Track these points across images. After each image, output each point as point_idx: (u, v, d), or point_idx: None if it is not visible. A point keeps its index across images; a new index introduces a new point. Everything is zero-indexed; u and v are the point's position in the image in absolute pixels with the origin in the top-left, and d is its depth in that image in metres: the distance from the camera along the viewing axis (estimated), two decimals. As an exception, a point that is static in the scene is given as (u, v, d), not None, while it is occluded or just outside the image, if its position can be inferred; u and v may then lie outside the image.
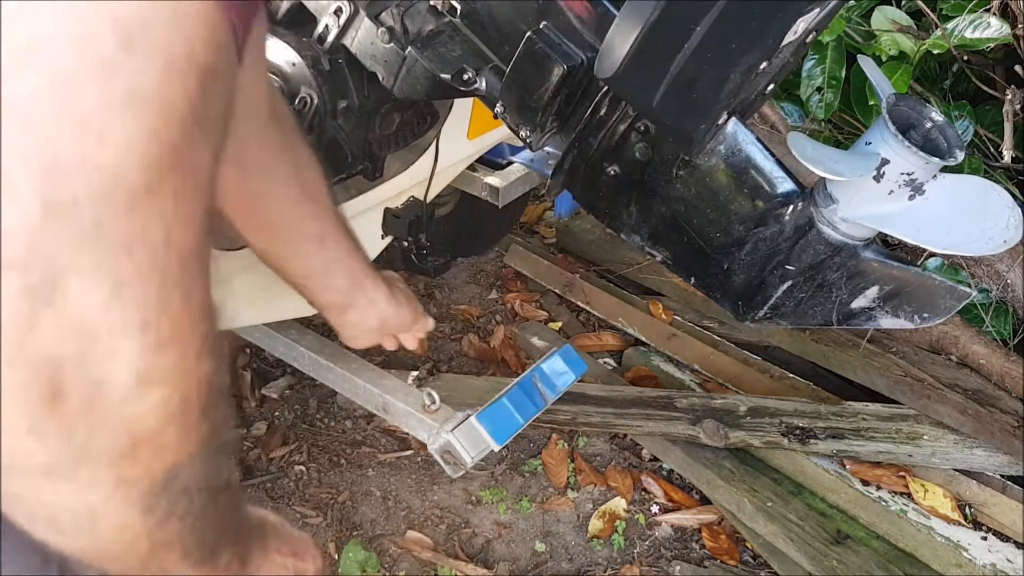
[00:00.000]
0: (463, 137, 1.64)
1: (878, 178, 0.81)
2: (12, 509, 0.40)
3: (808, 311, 0.94)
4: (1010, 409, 1.77)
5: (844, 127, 2.04)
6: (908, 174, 0.81)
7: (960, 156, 0.80)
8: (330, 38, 1.11)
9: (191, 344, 0.40)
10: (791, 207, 0.88)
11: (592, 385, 2.03)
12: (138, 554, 0.45)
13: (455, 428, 1.26)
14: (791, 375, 2.06)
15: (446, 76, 0.97)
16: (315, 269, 1.00)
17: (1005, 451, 1.74)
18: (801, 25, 0.78)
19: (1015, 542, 1.74)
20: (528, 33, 0.86)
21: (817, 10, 0.79)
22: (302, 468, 1.93)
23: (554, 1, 0.85)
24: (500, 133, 1.74)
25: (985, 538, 1.74)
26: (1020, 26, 1.73)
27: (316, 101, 1.23)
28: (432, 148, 1.54)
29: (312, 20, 1.06)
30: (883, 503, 1.77)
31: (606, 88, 0.89)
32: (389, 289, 1.08)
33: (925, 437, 1.81)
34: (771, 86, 0.90)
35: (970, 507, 1.80)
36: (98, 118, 0.34)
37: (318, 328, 2.25)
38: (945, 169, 0.82)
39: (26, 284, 0.34)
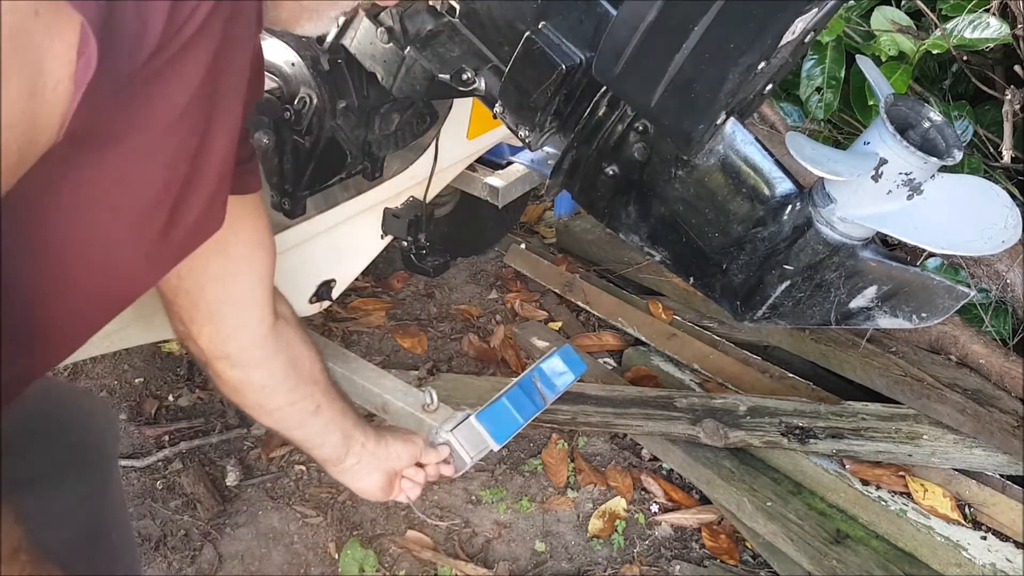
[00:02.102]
0: (463, 137, 1.64)
1: (876, 178, 0.81)
2: None
3: (807, 311, 0.94)
4: (1009, 409, 1.77)
5: (843, 127, 2.04)
6: (906, 174, 0.81)
7: (958, 156, 0.80)
8: (329, 38, 1.11)
9: None
10: (789, 207, 0.88)
11: (592, 385, 2.03)
12: None
13: (455, 428, 1.27)
14: (791, 375, 2.07)
15: (445, 76, 0.97)
16: (313, 434, 1.13)
17: (1004, 451, 1.74)
18: (799, 25, 0.79)
19: (1014, 542, 1.74)
20: (527, 33, 0.86)
21: (815, 10, 0.79)
22: (302, 468, 1.93)
23: (553, 1, 0.85)
24: (500, 133, 1.74)
25: (984, 538, 1.74)
26: (1019, 26, 1.73)
27: (315, 101, 1.24)
28: (432, 148, 1.54)
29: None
30: (883, 503, 1.77)
31: (605, 88, 0.89)
32: (379, 434, 1.20)
33: (924, 437, 1.81)
34: (769, 86, 0.90)
35: (969, 507, 1.80)
36: None
37: (318, 328, 2.26)
38: (944, 169, 0.82)
39: None
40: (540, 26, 0.86)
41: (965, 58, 1.90)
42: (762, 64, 0.79)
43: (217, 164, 0.72)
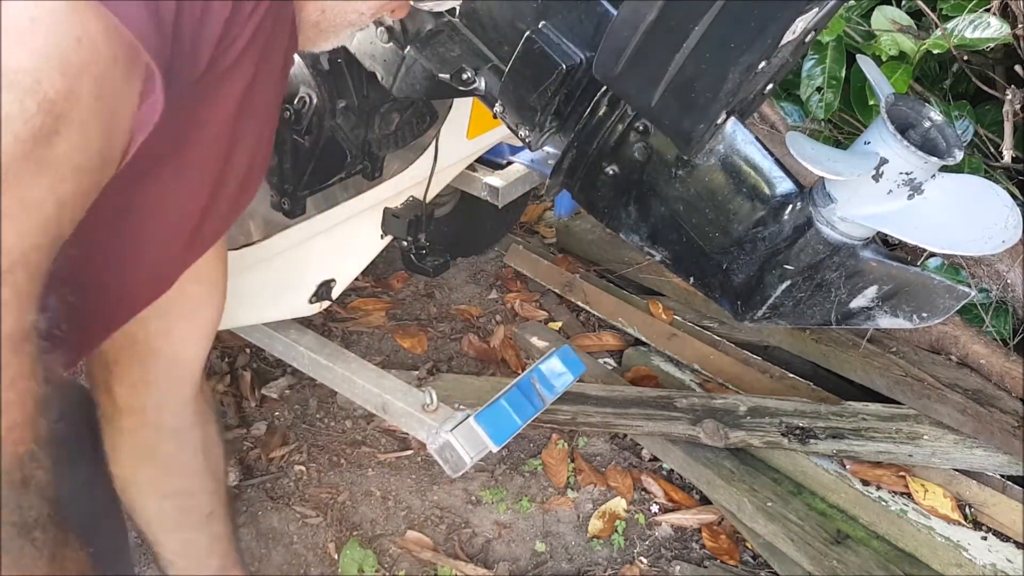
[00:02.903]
0: (463, 137, 1.64)
1: (877, 178, 0.81)
2: None
3: (807, 311, 0.93)
4: (1010, 409, 1.77)
5: (844, 127, 2.04)
6: (907, 174, 0.80)
7: (959, 156, 0.80)
8: (329, 38, 1.11)
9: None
10: (790, 207, 0.88)
11: (592, 385, 2.03)
12: None
13: (454, 428, 1.27)
14: (791, 375, 2.06)
15: (445, 76, 0.97)
16: (192, 548, 1.02)
17: (1005, 451, 1.74)
18: (800, 24, 0.78)
19: (1015, 542, 1.74)
20: (527, 33, 0.86)
21: (816, 9, 0.79)
22: (302, 468, 1.93)
23: (554, 0, 0.85)
24: (500, 133, 1.74)
25: (985, 538, 1.74)
26: (1020, 26, 1.72)
27: (315, 101, 1.23)
28: (432, 148, 1.54)
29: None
30: (883, 503, 1.77)
31: (605, 88, 0.89)
32: None
33: (925, 437, 1.81)
34: (770, 85, 0.90)
35: (970, 507, 1.79)
36: None
37: (317, 328, 2.25)
38: (944, 169, 0.82)
39: None
40: (540, 26, 0.86)
41: (966, 58, 1.89)
42: (763, 64, 0.79)
43: (242, 169, 0.75)
